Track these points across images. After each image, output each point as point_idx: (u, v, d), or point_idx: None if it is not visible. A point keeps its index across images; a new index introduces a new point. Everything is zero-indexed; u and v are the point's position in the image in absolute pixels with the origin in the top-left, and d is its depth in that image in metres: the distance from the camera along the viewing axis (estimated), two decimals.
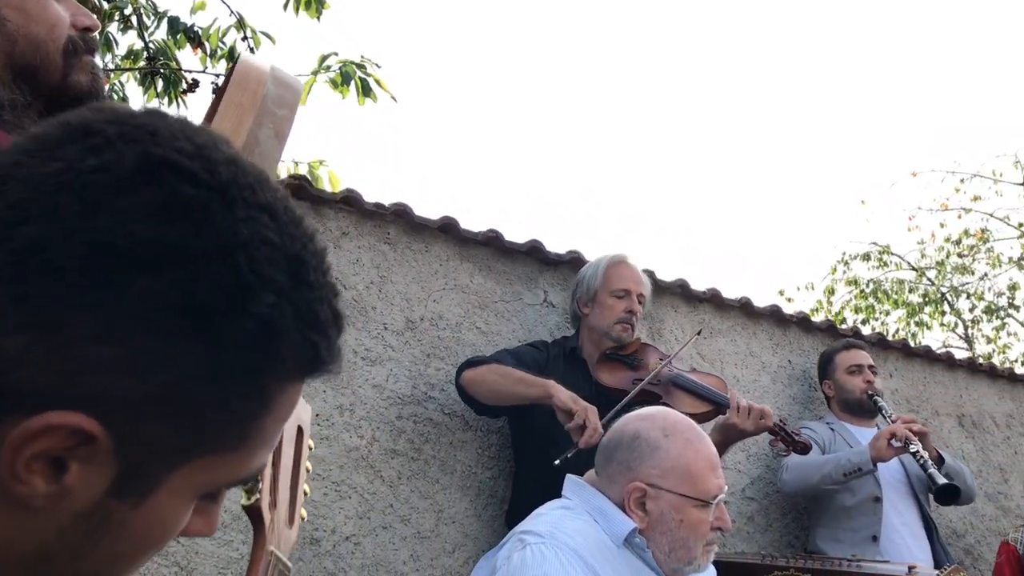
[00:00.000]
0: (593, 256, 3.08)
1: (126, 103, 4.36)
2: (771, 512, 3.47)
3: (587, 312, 2.90)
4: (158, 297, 0.50)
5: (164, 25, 4.21)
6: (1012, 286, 12.41)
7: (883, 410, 3.35)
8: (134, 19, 4.27)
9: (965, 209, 12.50)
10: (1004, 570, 3.30)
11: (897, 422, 3.20)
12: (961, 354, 6.63)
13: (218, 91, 1.26)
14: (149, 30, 4.29)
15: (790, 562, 2.60)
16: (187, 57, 4.39)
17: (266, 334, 0.53)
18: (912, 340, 10.45)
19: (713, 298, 3.51)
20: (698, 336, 3.14)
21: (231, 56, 4.21)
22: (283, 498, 0.97)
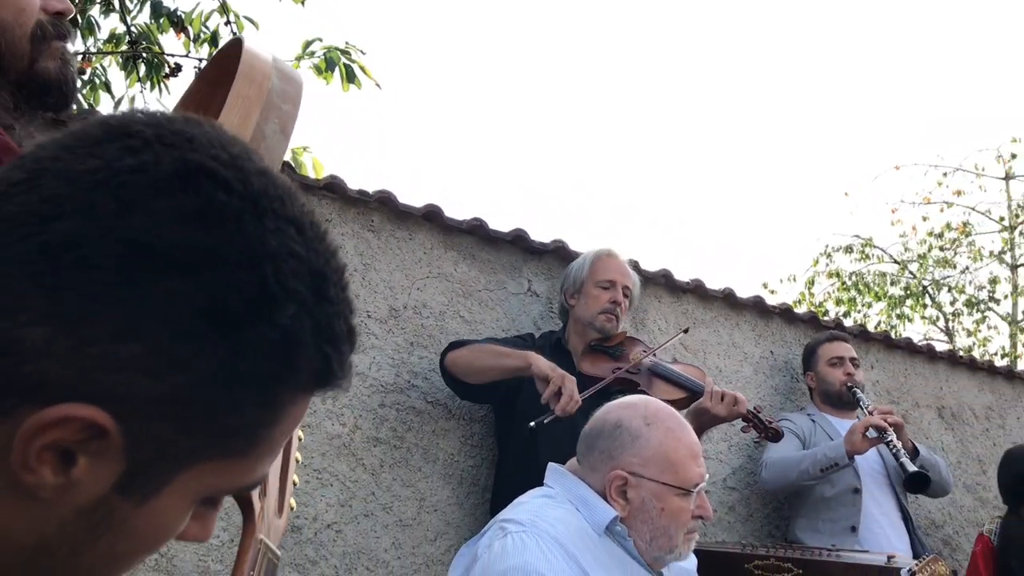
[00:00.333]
0: (578, 246, 3.08)
1: (108, 87, 4.32)
2: (752, 502, 3.49)
3: (573, 304, 2.91)
4: (184, 300, 0.51)
5: (147, 9, 4.18)
6: (993, 280, 12.52)
7: (861, 402, 3.38)
8: (116, 2, 4.23)
9: (947, 203, 12.61)
10: (978, 561, 3.34)
11: (874, 413, 3.22)
12: (942, 347, 6.67)
13: (200, 74, 1.23)
14: (132, 14, 4.25)
15: (770, 551, 2.61)
16: (170, 41, 4.35)
17: (285, 344, 0.54)
18: (893, 333, 10.53)
19: (696, 289, 3.52)
20: (684, 333, 3.15)
21: (214, 41, 4.18)
22: (273, 487, 0.97)
